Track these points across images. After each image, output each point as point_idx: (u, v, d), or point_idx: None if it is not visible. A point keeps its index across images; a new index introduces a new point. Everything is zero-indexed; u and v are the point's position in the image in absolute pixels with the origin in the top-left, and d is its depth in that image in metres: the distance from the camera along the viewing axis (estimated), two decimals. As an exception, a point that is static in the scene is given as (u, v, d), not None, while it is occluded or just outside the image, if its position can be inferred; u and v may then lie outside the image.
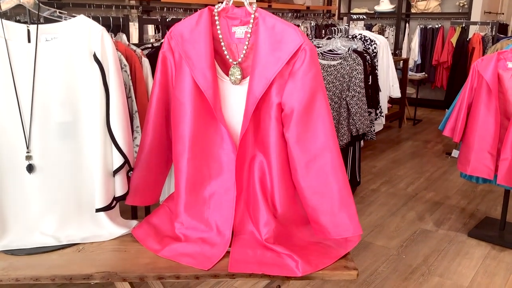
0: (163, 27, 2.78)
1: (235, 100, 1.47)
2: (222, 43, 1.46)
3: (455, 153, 3.44)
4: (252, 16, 1.42)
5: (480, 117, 2.98)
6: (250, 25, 1.43)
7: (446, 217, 3.65)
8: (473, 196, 4.05)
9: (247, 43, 1.44)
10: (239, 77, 1.45)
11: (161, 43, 2.78)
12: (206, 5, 5.44)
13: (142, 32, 2.86)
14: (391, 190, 4.19)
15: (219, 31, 1.45)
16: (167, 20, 2.75)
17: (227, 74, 1.47)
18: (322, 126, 1.39)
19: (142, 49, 2.61)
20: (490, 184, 3.15)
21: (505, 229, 3.33)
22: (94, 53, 1.41)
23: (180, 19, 2.85)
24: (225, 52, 1.46)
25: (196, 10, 5.12)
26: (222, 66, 1.48)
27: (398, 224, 3.51)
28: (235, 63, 1.45)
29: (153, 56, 2.57)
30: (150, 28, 4.07)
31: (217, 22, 1.45)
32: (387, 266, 2.92)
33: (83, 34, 1.40)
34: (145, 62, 2.47)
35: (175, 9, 4.90)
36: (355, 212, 1.42)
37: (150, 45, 2.72)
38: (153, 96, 1.53)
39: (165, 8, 4.82)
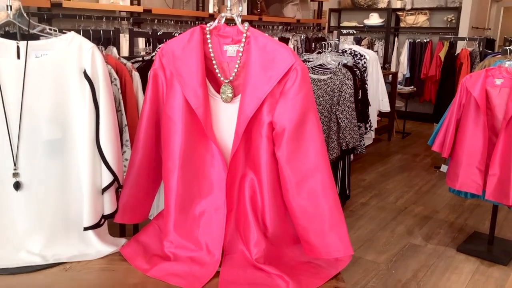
0: (154, 40, 2.78)
1: (226, 118, 1.47)
2: (214, 61, 1.45)
3: (443, 168, 3.46)
4: (244, 35, 1.42)
5: (468, 133, 3.01)
6: (242, 44, 1.43)
7: (435, 231, 3.66)
8: (462, 211, 4.08)
9: (238, 61, 1.44)
10: (231, 95, 1.44)
11: (152, 56, 2.79)
12: (196, 17, 5.45)
13: (132, 45, 2.85)
14: (380, 203, 4.20)
15: (210, 49, 1.45)
16: (158, 33, 2.75)
17: (219, 92, 1.47)
18: (313, 145, 1.39)
19: (133, 63, 2.60)
20: (478, 198, 3.18)
21: (494, 244, 3.35)
22: (84, 70, 1.39)
23: (171, 33, 2.85)
24: (217, 70, 1.46)
25: (186, 22, 5.14)
26: (213, 84, 1.48)
27: (388, 238, 3.51)
28: (226, 81, 1.45)
29: (143, 70, 2.56)
30: (141, 41, 4.07)
31: (208, 41, 1.45)
32: (376, 281, 2.91)
33: (73, 50, 1.39)
34: (136, 76, 2.46)
35: (166, 21, 4.91)
36: (346, 233, 1.41)
37: (140, 59, 2.72)
38: (144, 113, 1.52)
39: (156, 20, 4.82)
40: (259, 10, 5.86)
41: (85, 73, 1.39)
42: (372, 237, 3.52)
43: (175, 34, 2.75)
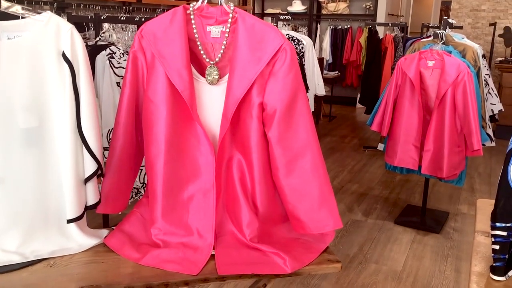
0: (97, 24, 2.64)
1: (211, 101, 1.45)
2: (198, 43, 1.43)
3: (380, 146, 3.67)
4: (230, 15, 1.41)
5: (405, 112, 3.21)
6: (228, 24, 1.41)
7: (373, 207, 3.88)
8: (393, 186, 4.35)
9: (224, 42, 1.42)
10: (217, 77, 1.43)
11: (96, 41, 2.65)
12: (123, 2, 5.23)
13: (71, 30, 2.68)
14: (318, 184, 4.34)
15: (195, 30, 1.42)
16: (102, 17, 2.61)
17: (202, 74, 1.45)
18: (303, 124, 1.42)
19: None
20: (412, 173, 3.41)
21: (426, 215, 3.62)
22: (63, 52, 1.30)
23: (116, 17, 2.72)
24: (202, 52, 1.43)
25: (113, 8, 4.93)
26: (196, 66, 1.45)
27: (331, 216, 3.65)
28: (212, 63, 1.43)
29: (89, 56, 2.43)
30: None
31: (192, 21, 1.42)
32: (327, 257, 3.03)
33: (50, 32, 1.29)
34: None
35: (92, 6, 4.67)
36: (335, 207, 1.46)
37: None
38: (124, 98, 1.45)
39: (82, 5, 4.57)
40: (186, -5, 5.74)
41: (64, 56, 1.30)
42: (317, 216, 3.65)
43: (122, 18, 2.63)
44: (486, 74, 3.69)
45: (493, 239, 1.34)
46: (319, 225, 1.46)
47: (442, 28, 3.38)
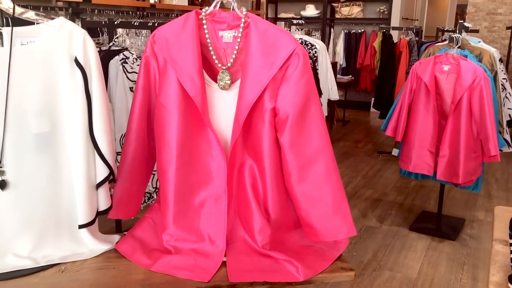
0: (110, 30, 2.66)
1: (222, 106, 1.44)
2: (210, 48, 1.42)
3: (395, 151, 3.63)
4: (243, 20, 1.40)
5: (419, 117, 3.17)
6: (240, 29, 1.40)
7: (387, 213, 3.83)
8: (408, 192, 4.29)
9: (237, 47, 1.41)
10: (229, 82, 1.42)
11: (110, 47, 2.66)
12: (137, 8, 5.27)
13: (85, 35, 2.69)
14: (332, 189, 4.30)
15: (207, 35, 1.41)
16: (115, 22, 2.62)
17: (213, 79, 1.44)
18: (316, 130, 1.40)
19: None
20: (427, 179, 3.36)
21: (442, 221, 3.56)
22: (76, 57, 1.30)
23: (129, 22, 2.73)
24: (214, 57, 1.42)
25: (128, 13, 4.97)
26: (208, 71, 1.44)
27: (344, 222, 3.61)
28: (224, 68, 1.42)
29: (102, 60, 2.44)
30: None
31: (205, 26, 1.41)
32: (340, 263, 3.00)
33: (63, 37, 1.29)
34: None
35: (106, 11, 4.71)
36: (349, 214, 1.44)
37: (97, 49, 2.58)
38: (136, 103, 1.45)
39: (96, 10, 4.61)
40: (199, 0, 5.77)
41: (76, 61, 1.30)
42: (330, 221, 3.61)
43: (136, 24, 2.64)
44: (503, 79, 3.63)
45: (511, 248, 1.31)
46: (332, 232, 1.43)
47: (457, 32, 3.34)
